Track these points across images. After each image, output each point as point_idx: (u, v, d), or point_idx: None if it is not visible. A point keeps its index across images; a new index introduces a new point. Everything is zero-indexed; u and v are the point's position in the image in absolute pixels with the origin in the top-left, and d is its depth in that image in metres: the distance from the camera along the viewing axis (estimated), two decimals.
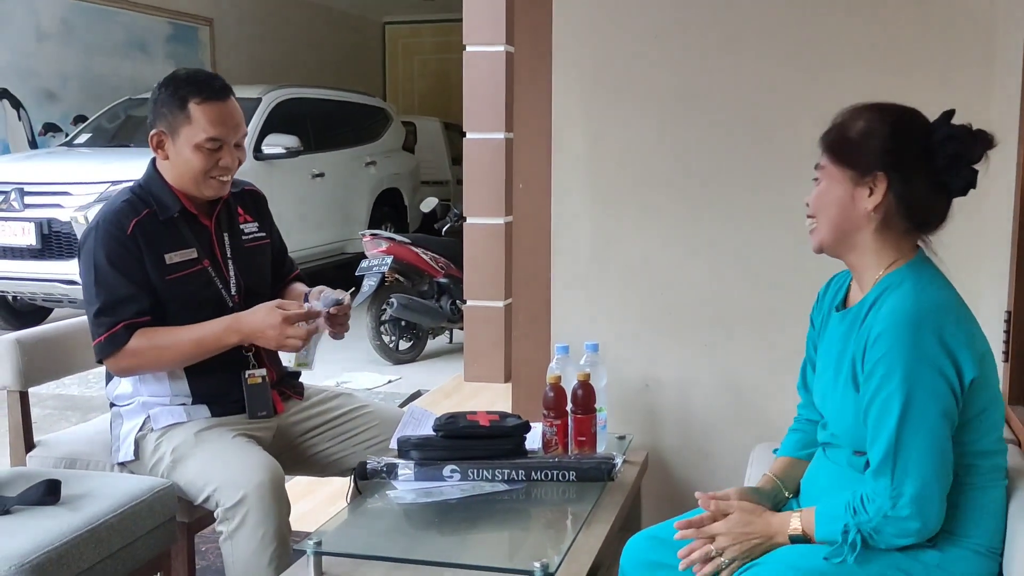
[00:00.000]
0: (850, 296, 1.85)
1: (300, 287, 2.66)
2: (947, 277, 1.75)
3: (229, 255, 2.47)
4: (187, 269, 2.37)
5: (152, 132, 2.39)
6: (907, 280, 1.70)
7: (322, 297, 2.41)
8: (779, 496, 1.94)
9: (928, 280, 1.71)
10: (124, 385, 2.43)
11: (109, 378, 2.47)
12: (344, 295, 2.42)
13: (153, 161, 2.44)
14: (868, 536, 1.64)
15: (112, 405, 2.49)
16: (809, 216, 1.81)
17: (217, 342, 2.32)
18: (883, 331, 1.65)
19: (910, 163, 1.70)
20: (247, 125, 3.14)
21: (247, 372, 2.43)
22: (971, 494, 1.69)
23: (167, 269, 2.34)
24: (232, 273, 2.46)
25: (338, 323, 2.40)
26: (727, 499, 1.85)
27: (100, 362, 2.37)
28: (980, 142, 1.70)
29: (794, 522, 1.76)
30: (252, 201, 2.61)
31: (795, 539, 1.75)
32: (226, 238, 2.47)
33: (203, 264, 2.40)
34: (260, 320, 2.30)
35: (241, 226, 2.53)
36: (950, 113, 1.73)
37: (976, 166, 1.71)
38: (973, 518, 1.69)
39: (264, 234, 2.60)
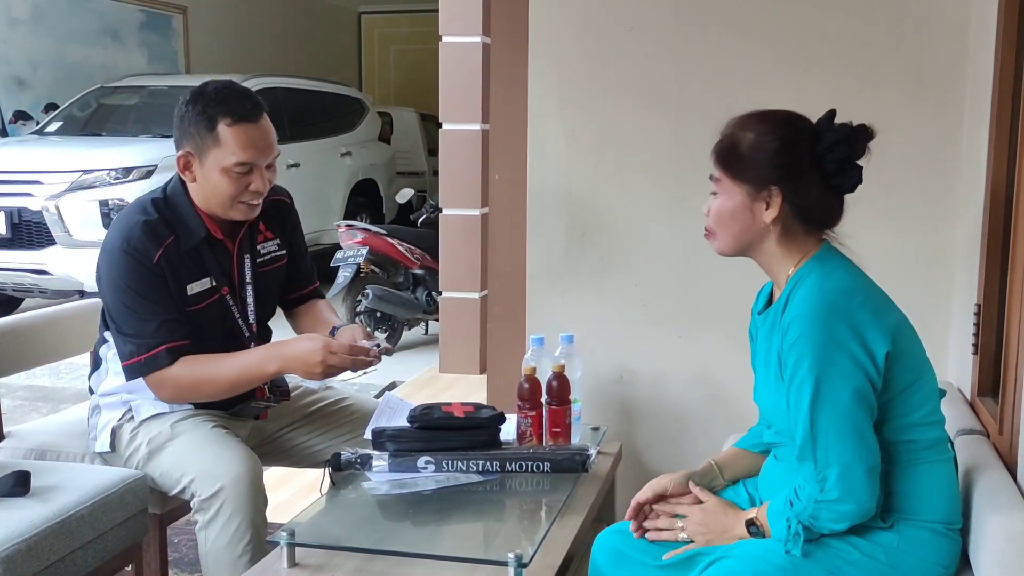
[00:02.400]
0: (773, 299, 1.89)
1: (326, 314, 2.57)
2: (854, 262, 1.79)
3: (248, 280, 2.39)
4: (206, 299, 2.31)
5: (179, 153, 2.27)
6: (813, 271, 1.75)
7: (363, 341, 2.30)
8: (715, 480, 1.99)
9: (832, 268, 1.75)
10: (111, 380, 2.38)
11: (95, 367, 2.44)
12: (381, 342, 2.33)
13: (174, 177, 2.34)
14: (809, 524, 1.68)
15: (91, 392, 2.46)
16: (708, 228, 1.84)
17: (259, 369, 2.25)
18: (792, 320, 1.70)
19: (802, 173, 1.74)
20: None
21: (261, 403, 2.41)
22: (915, 470, 1.72)
23: (187, 300, 2.27)
24: (250, 299, 2.40)
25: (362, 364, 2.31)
26: (664, 491, 1.92)
27: (129, 379, 2.30)
28: (863, 137, 1.75)
29: (751, 511, 1.81)
30: (276, 213, 2.48)
31: (748, 524, 1.79)
32: (246, 261, 2.39)
33: (222, 292, 2.33)
34: (304, 349, 2.22)
35: (259, 246, 2.43)
36: (832, 113, 1.77)
37: (860, 161, 1.76)
38: (922, 495, 1.72)
39: (284, 252, 2.50)
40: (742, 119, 1.80)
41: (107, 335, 2.36)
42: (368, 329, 2.32)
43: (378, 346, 2.29)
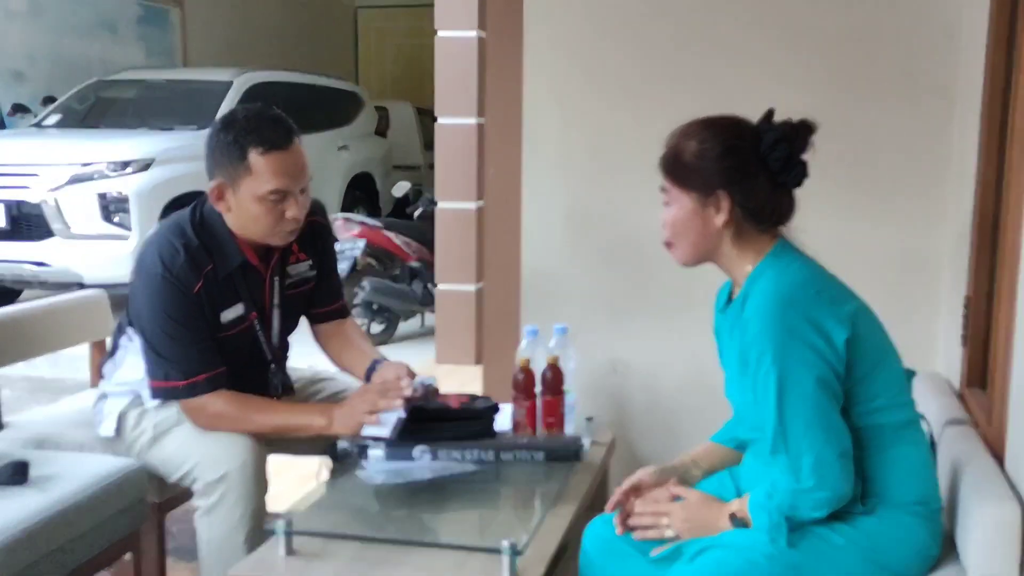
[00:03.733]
0: (733, 296, 1.91)
1: (358, 341, 2.53)
2: (808, 255, 1.81)
3: (276, 302, 2.38)
4: (237, 327, 2.30)
5: (212, 184, 2.22)
6: (768, 268, 1.78)
7: (417, 380, 2.27)
8: (689, 473, 2.02)
9: (787, 263, 1.78)
10: (125, 372, 2.38)
11: (111, 354, 2.43)
12: (431, 382, 2.30)
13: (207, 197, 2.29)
14: (790, 515, 1.71)
15: (101, 376, 2.47)
16: (666, 241, 1.88)
17: (304, 428, 2.27)
18: (750, 317, 1.73)
19: (747, 175, 1.77)
20: (218, 110, 3.02)
21: None
22: (886, 455, 1.75)
23: (221, 328, 2.27)
24: (276, 323, 2.39)
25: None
26: (640, 484, 1.94)
27: (156, 398, 2.30)
28: (804, 132, 1.77)
29: (733, 504, 1.83)
30: (311, 234, 2.42)
31: (731, 516, 1.81)
32: (276, 284, 2.37)
33: (251, 318, 2.32)
34: (350, 403, 2.24)
35: (290, 267, 2.40)
36: (770, 112, 1.80)
37: (804, 156, 1.77)
38: (897, 478, 1.74)
39: (314, 273, 2.46)
40: (684, 128, 1.83)
41: (130, 331, 2.35)
42: (407, 364, 2.31)
43: (427, 385, 2.27)
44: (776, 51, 2.77)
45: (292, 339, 2.56)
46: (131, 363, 2.36)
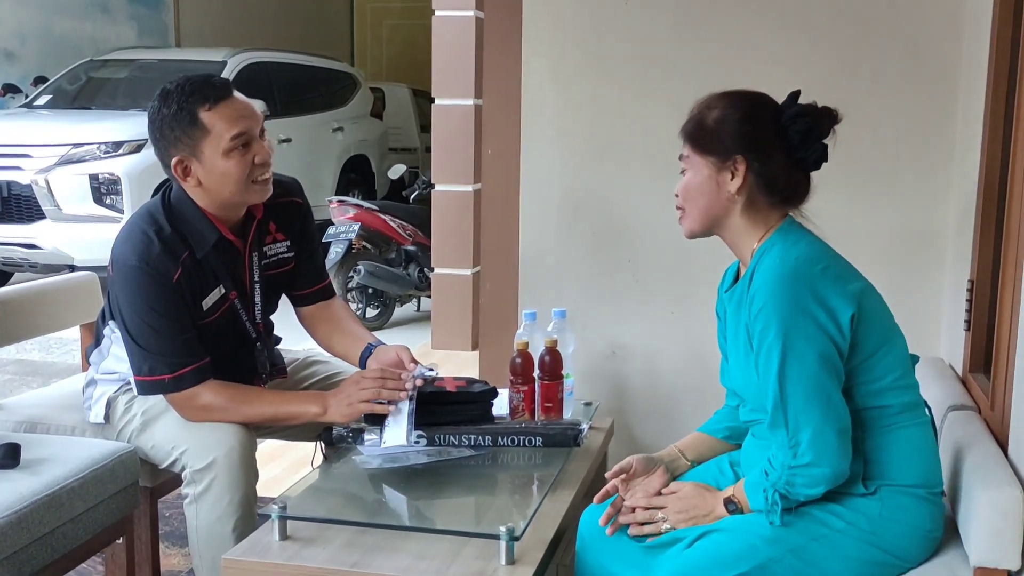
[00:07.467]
0: (739, 276, 1.91)
1: (350, 324, 2.50)
2: (815, 234, 1.81)
3: (256, 279, 2.35)
4: (218, 310, 2.26)
5: (173, 161, 2.19)
6: (777, 244, 1.78)
7: (418, 370, 2.24)
8: (678, 463, 2.02)
9: (795, 239, 1.78)
10: (111, 363, 2.36)
11: (97, 344, 2.41)
12: (432, 371, 2.25)
13: (172, 183, 2.27)
14: (786, 492, 1.70)
15: (88, 363, 2.44)
16: (678, 207, 1.87)
17: (297, 417, 2.24)
18: (757, 290, 1.72)
19: (765, 143, 1.77)
20: None
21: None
22: (890, 436, 1.74)
23: (203, 314, 2.24)
24: (258, 299, 2.35)
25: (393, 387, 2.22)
26: (629, 468, 1.94)
27: (142, 393, 2.28)
28: (827, 117, 1.78)
29: (728, 490, 1.83)
30: (287, 215, 2.41)
31: (726, 502, 1.81)
32: (255, 260, 2.34)
33: (231, 298, 2.29)
34: (345, 390, 2.21)
35: (267, 247, 2.37)
36: (796, 93, 1.80)
37: (826, 140, 1.78)
38: (900, 460, 1.74)
39: (292, 255, 2.42)
40: (708, 98, 1.84)
41: (112, 323, 2.31)
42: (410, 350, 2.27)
43: (428, 376, 2.23)
44: (777, 32, 2.74)
45: (288, 323, 2.53)
46: (117, 353, 2.33)
